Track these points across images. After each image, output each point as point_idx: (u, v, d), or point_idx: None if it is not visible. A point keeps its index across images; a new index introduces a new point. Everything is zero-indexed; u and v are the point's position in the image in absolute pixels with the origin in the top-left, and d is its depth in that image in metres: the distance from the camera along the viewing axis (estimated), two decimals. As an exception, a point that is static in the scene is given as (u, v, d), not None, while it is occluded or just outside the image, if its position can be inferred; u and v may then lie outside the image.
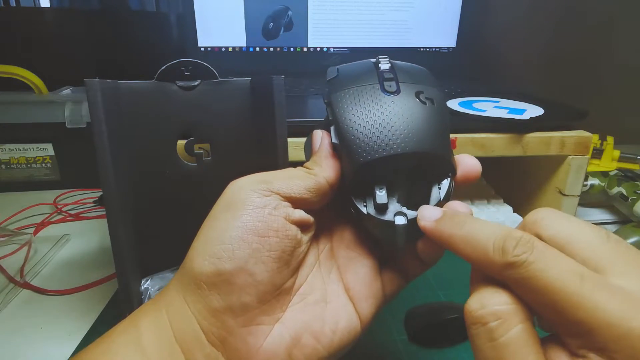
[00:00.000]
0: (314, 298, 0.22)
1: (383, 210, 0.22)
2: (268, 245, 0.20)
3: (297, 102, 0.53)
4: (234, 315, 0.19)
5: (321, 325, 0.21)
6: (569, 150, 0.46)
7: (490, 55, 0.80)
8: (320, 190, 0.22)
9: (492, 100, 0.52)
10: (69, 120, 0.53)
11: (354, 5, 0.69)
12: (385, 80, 0.23)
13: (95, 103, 0.27)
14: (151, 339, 0.19)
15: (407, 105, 0.22)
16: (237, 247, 0.19)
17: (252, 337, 0.19)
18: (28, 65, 0.58)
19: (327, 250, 0.24)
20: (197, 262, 0.19)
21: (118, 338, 0.20)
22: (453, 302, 0.34)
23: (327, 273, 0.23)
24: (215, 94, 0.33)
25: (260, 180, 0.21)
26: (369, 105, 0.22)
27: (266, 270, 0.20)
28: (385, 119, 0.21)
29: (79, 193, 0.57)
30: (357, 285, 0.23)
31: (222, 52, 0.69)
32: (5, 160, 0.56)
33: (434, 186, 0.22)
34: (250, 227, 0.20)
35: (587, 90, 0.77)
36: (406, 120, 0.21)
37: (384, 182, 0.22)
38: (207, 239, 0.20)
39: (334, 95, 0.23)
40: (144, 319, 0.20)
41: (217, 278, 0.19)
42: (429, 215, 0.20)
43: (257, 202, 0.20)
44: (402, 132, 0.21)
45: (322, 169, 0.22)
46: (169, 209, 0.34)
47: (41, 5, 0.71)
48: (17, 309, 0.35)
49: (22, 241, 0.43)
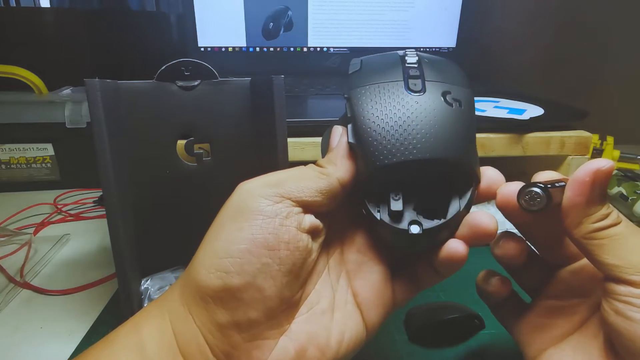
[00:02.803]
0: (321, 308, 0.21)
1: (398, 217, 0.20)
2: (278, 260, 0.19)
3: (297, 102, 0.53)
4: (240, 330, 0.18)
5: (326, 337, 0.20)
6: (569, 150, 0.46)
7: (490, 55, 0.80)
8: (331, 192, 0.21)
9: (492, 100, 0.52)
10: (69, 120, 0.53)
11: (354, 5, 0.69)
12: (410, 78, 0.21)
13: (95, 103, 0.27)
14: (154, 347, 0.19)
15: (432, 107, 0.20)
16: (246, 261, 0.18)
17: (258, 352, 0.19)
18: (28, 65, 0.59)
19: (337, 255, 0.23)
20: (203, 275, 0.19)
21: (120, 342, 0.19)
22: (453, 302, 0.34)
23: (336, 279, 0.22)
24: (215, 94, 0.33)
25: (269, 183, 0.20)
26: (390, 105, 0.20)
27: (275, 286, 0.19)
28: (407, 120, 0.20)
29: (79, 193, 0.57)
30: (366, 292, 0.22)
31: (222, 52, 0.69)
32: (5, 160, 0.56)
33: (454, 197, 0.20)
34: (260, 240, 0.19)
35: (587, 90, 0.77)
36: (429, 123, 0.20)
37: (400, 189, 0.20)
38: (213, 249, 0.19)
39: (354, 91, 0.21)
40: (147, 326, 0.20)
41: (224, 293, 0.18)
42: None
43: (268, 211, 0.19)
44: (424, 135, 0.19)
45: (336, 169, 0.21)
46: (169, 209, 0.34)
47: (41, 5, 0.71)
48: (17, 308, 0.35)
49: (22, 241, 0.43)
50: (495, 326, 0.28)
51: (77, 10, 0.73)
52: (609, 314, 0.19)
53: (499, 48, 0.81)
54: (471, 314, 0.32)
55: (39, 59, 0.63)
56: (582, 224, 0.19)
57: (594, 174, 0.19)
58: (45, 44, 0.68)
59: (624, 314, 0.18)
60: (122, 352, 0.19)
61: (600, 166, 0.19)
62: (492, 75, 0.81)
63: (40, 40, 0.67)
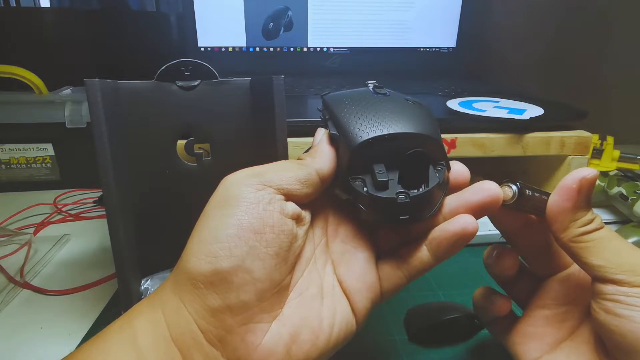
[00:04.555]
0: (310, 293, 0.22)
1: (384, 188, 0.22)
2: (265, 242, 0.20)
3: (297, 102, 0.53)
4: (232, 314, 0.19)
5: (319, 321, 0.21)
6: (569, 150, 0.46)
7: (490, 55, 0.80)
8: (310, 182, 0.22)
9: (492, 100, 0.52)
10: (69, 120, 0.53)
11: (354, 5, 0.69)
12: (375, 88, 0.25)
13: (95, 103, 0.27)
14: (147, 339, 0.19)
15: (398, 103, 0.24)
16: (233, 245, 0.19)
17: (251, 335, 0.19)
18: (28, 65, 0.58)
19: (323, 245, 0.24)
20: (193, 262, 0.19)
21: (113, 337, 0.20)
22: (453, 302, 0.34)
23: (323, 267, 0.23)
24: (215, 94, 0.33)
25: (252, 174, 0.21)
26: (362, 101, 0.23)
27: (264, 268, 0.19)
28: (378, 110, 0.23)
29: (79, 193, 0.57)
30: (351, 279, 0.23)
31: (222, 52, 0.69)
32: (5, 160, 0.56)
33: (431, 168, 0.22)
34: (246, 224, 0.19)
35: (587, 90, 0.77)
36: (398, 111, 0.23)
37: (382, 162, 0.22)
38: (201, 238, 0.20)
39: (327, 96, 0.25)
40: (139, 318, 0.20)
41: (215, 277, 0.19)
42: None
43: (251, 198, 0.20)
44: (397, 118, 0.22)
45: (314, 161, 0.23)
46: (169, 209, 0.34)
47: (41, 5, 0.71)
48: (17, 308, 0.35)
49: (22, 241, 0.43)
50: (495, 326, 0.28)
51: (77, 10, 0.73)
52: (599, 313, 0.20)
53: (499, 48, 0.81)
54: (471, 314, 0.32)
55: (39, 59, 0.63)
56: (569, 228, 0.21)
57: (580, 182, 0.21)
58: (46, 44, 0.68)
59: (613, 312, 0.20)
60: (115, 347, 0.19)
61: (586, 174, 0.21)
62: (492, 75, 0.81)
63: (40, 40, 0.67)
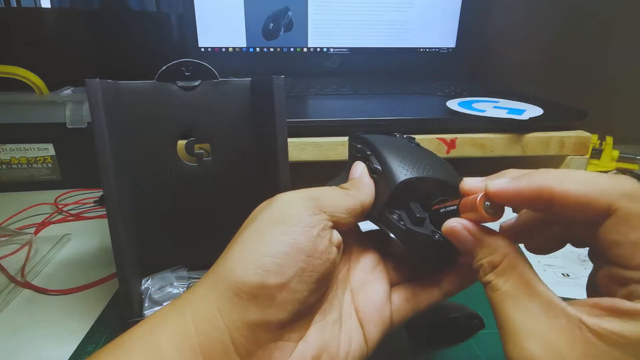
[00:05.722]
0: (332, 318, 0.22)
1: (420, 224, 0.23)
2: (312, 266, 0.20)
3: (297, 102, 0.53)
4: (267, 329, 0.19)
5: (337, 346, 0.22)
6: (568, 150, 0.46)
7: (490, 55, 0.80)
8: (354, 212, 0.23)
9: (491, 100, 0.52)
10: (69, 120, 0.53)
11: (354, 6, 0.70)
12: (409, 137, 0.28)
13: (96, 103, 0.27)
14: (171, 349, 0.18)
15: (429, 154, 0.26)
16: (284, 262, 0.19)
17: (279, 353, 0.20)
18: (28, 65, 0.59)
19: (345, 272, 0.25)
20: (240, 271, 0.19)
21: (133, 347, 0.19)
22: (453, 302, 0.34)
23: (342, 294, 0.24)
24: (216, 94, 0.33)
25: (308, 196, 0.22)
26: (399, 143, 0.26)
27: (306, 290, 0.20)
28: (417, 156, 0.25)
29: (79, 193, 0.57)
30: (368, 310, 0.23)
31: (222, 52, 0.69)
32: (6, 160, 0.56)
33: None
34: (300, 245, 0.20)
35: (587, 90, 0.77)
36: (432, 161, 0.25)
37: (417, 201, 0.23)
38: (253, 249, 0.20)
39: (367, 135, 0.27)
40: (164, 327, 0.19)
41: (260, 290, 0.19)
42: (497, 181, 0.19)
43: (308, 221, 0.21)
44: (431, 165, 0.24)
45: (360, 192, 0.24)
46: (169, 209, 0.34)
47: (42, 6, 0.71)
48: (18, 308, 0.35)
49: (23, 241, 0.43)
50: (495, 326, 0.28)
51: (77, 10, 0.74)
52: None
53: (499, 48, 0.81)
54: (471, 314, 0.32)
55: (39, 59, 0.63)
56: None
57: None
58: (46, 44, 0.68)
59: None
60: (136, 356, 0.18)
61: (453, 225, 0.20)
62: (492, 75, 0.81)
63: (41, 41, 0.68)
